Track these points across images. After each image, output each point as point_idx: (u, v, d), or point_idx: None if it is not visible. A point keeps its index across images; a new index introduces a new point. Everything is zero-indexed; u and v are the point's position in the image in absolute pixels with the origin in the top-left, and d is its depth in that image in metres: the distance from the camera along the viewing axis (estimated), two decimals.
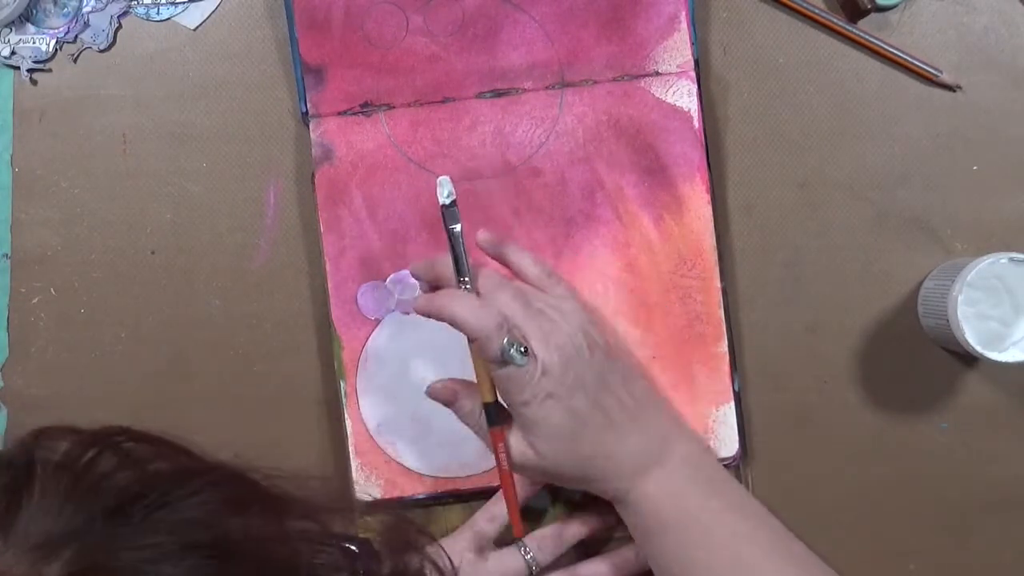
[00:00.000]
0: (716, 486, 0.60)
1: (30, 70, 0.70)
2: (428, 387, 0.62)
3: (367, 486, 0.67)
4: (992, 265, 0.62)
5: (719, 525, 0.58)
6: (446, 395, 0.61)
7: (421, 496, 0.67)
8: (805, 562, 0.59)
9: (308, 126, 0.68)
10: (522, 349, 0.56)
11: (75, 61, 0.70)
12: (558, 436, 0.58)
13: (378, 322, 0.68)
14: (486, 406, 0.59)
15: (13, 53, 0.70)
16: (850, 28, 0.69)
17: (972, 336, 0.62)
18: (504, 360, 0.56)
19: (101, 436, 0.40)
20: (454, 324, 0.57)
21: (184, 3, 0.70)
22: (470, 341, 0.58)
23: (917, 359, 0.68)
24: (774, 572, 0.57)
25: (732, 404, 0.67)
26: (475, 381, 0.60)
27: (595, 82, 0.68)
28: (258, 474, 0.43)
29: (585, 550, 0.66)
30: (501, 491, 0.62)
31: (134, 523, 0.37)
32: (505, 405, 0.59)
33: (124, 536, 0.36)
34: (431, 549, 0.53)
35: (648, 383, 0.63)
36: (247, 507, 0.41)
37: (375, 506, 0.64)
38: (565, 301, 0.60)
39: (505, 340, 0.56)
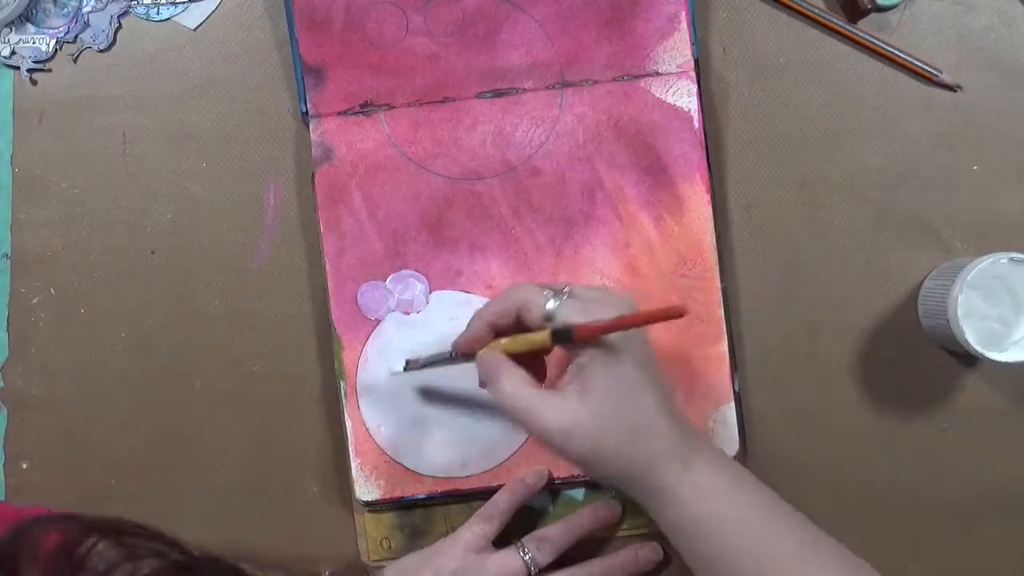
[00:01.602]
0: (743, 476, 0.58)
1: (30, 70, 0.70)
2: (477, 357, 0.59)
3: (367, 486, 0.67)
4: (992, 265, 0.62)
5: (763, 523, 0.56)
6: (487, 367, 0.58)
7: (421, 496, 0.67)
8: (844, 559, 0.57)
9: (308, 126, 0.68)
10: (564, 289, 0.56)
11: (75, 61, 0.70)
12: (611, 392, 0.54)
13: (378, 322, 0.68)
14: (555, 332, 0.55)
15: (13, 53, 0.70)
16: (850, 28, 0.69)
17: (972, 336, 0.62)
18: (549, 313, 0.55)
19: (96, 526, 0.40)
20: (503, 315, 0.57)
21: (184, 3, 0.70)
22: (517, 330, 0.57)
23: (917, 359, 0.68)
24: (815, 563, 0.56)
25: (732, 404, 0.67)
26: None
27: (595, 82, 0.68)
28: (254, 564, 0.43)
29: (585, 550, 0.66)
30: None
31: None
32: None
33: None
34: None
35: None
36: None
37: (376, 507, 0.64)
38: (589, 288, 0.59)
39: (545, 291, 0.56)
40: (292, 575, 0.44)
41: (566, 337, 0.54)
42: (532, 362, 0.59)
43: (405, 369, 0.66)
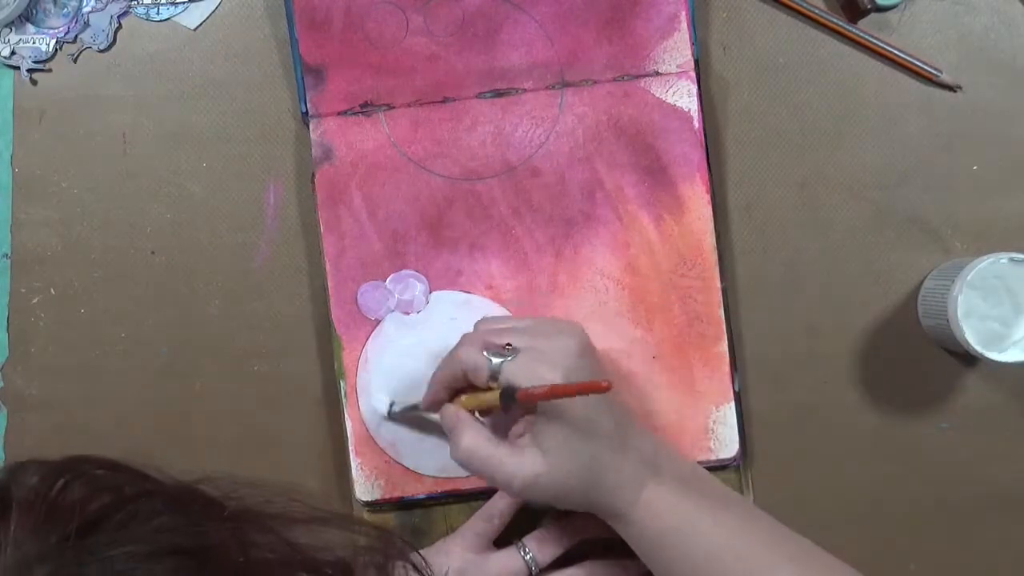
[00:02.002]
0: (707, 492, 0.60)
1: (30, 70, 0.70)
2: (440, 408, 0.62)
3: (367, 486, 0.67)
4: (992, 265, 0.62)
5: (717, 527, 0.58)
6: (447, 421, 0.61)
7: (421, 496, 0.67)
8: (806, 554, 0.59)
9: (308, 126, 0.68)
10: (508, 346, 0.58)
11: (75, 61, 0.70)
12: (568, 441, 0.57)
13: (378, 322, 0.68)
14: (502, 393, 0.57)
15: (13, 53, 0.70)
16: (850, 28, 0.69)
17: (972, 336, 0.62)
18: (494, 371, 0.58)
19: (68, 465, 0.41)
20: (453, 380, 0.60)
21: (184, 3, 0.70)
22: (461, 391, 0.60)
23: (917, 359, 0.68)
24: (776, 566, 0.58)
25: (732, 404, 0.67)
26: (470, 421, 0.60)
27: (595, 82, 0.68)
28: (225, 487, 0.44)
29: (585, 550, 0.66)
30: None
31: (105, 538, 0.38)
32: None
33: (96, 548, 0.38)
34: (416, 559, 0.52)
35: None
36: (213, 518, 0.43)
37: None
38: (541, 324, 0.62)
39: (486, 352, 0.58)
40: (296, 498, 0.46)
41: (510, 401, 0.56)
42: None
43: (388, 415, 0.67)
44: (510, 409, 0.57)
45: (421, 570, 0.51)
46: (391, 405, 0.67)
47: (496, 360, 0.58)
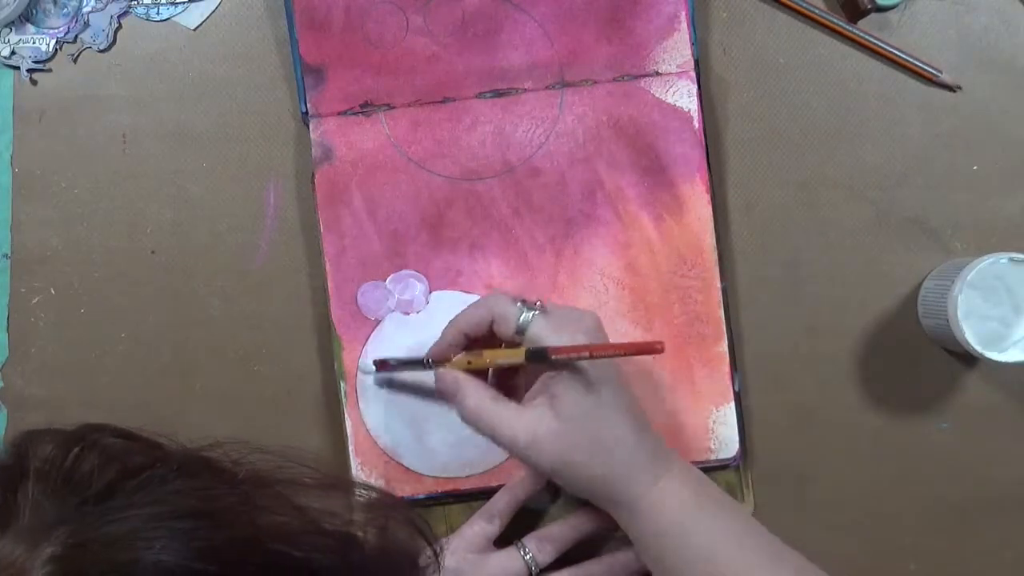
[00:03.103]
0: (713, 496, 0.60)
1: (30, 70, 0.70)
2: (435, 370, 0.62)
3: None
4: (992, 265, 0.62)
5: (721, 531, 0.58)
6: (447, 384, 0.60)
7: (421, 496, 0.67)
8: (803, 570, 0.59)
9: (308, 126, 0.68)
10: (536, 303, 0.58)
11: (75, 61, 0.70)
12: (583, 405, 0.57)
13: (378, 322, 0.68)
14: (531, 351, 0.57)
15: (13, 53, 0.70)
16: (850, 28, 0.69)
17: (972, 336, 0.62)
18: (522, 325, 0.57)
19: (82, 434, 0.42)
20: (477, 326, 0.59)
21: (184, 3, 0.70)
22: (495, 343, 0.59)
23: (917, 359, 0.68)
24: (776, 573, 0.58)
25: (732, 404, 0.67)
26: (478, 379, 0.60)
27: (595, 82, 0.68)
28: (237, 452, 0.45)
29: (585, 550, 0.66)
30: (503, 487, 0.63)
31: (122, 500, 0.39)
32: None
33: (114, 510, 0.39)
34: (417, 521, 0.53)
35: None
36: (225, 483, 0.43)
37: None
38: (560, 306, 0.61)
39: (518, 304, 0.58)
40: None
41: (540, 357, 0.56)
42: (501, 375, 0.61)
43: (376, 370, 0.66)
44: (534, 365, 0.57)
45: (422, 531, 0.51)
46: (376, 363, 0.66)
47: (527, 313, 0.58)
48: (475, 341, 0.61)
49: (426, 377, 0.65)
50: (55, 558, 0.37)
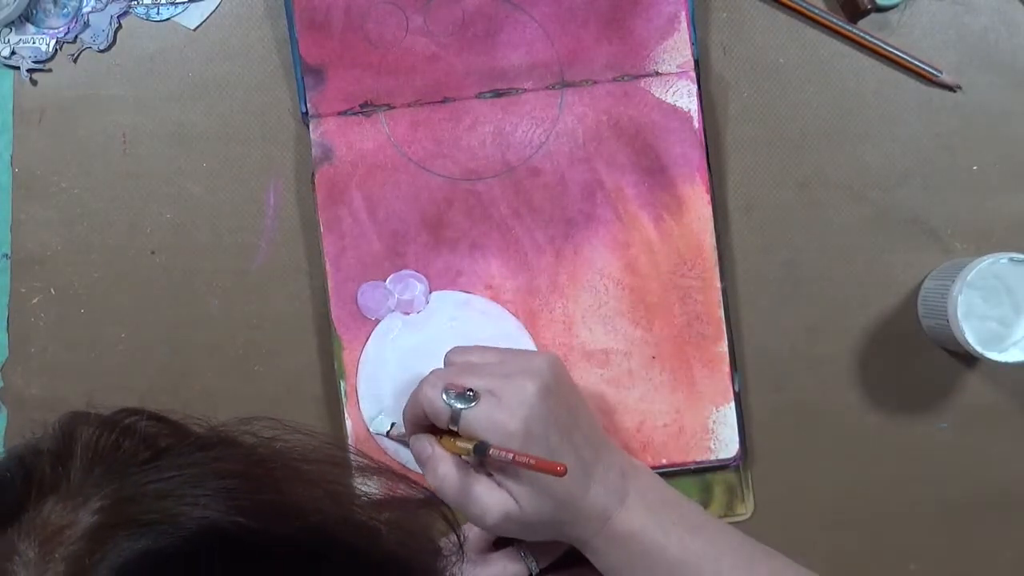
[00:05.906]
0: (675, 517, 0.60)
1: (30, 70, 0.70)
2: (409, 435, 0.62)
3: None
4: (992, 265, 0.62)
5: (684, 550, 0.58)
6: (418, 451, 0.61)
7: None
8: (784, 569, 0.59)
9: (308, 126, 0.68)
10: (469, 392, 0.58)
11: (75, 61, 0.70)
12: (538, 484, 0.57)
13: (378, 322, 0.68)
14: (475, 449, 0.57)
15: (13, 53, 0.70)
16: (850, 28, 0.69)
17: (972, 336, 0.62)
18: (455, 416, 0.57)
19: (121, 416, 0.45)
20: (419, 419, 0.60)
21: (184, 3, 0.70)
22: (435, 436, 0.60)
23: (917, 359, 0.68)
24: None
25: (732, 404, 0.67)
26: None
27: (595, 82, 0.68)
28: (270, 431, 0.48)
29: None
30: None
31: (166, 462, 0.42)
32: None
33: (158, 469, 0.41)
34: (444, 510, 0.55)
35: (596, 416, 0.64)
36: (267, 454, 0.47)
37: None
38: (508, 361, 0.61)
39: (443, 394, 0.58)
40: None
41: (483, 452, 0.56)
42: None
43: (388, 436, 0.67)
44: (482, 463, 0.58)
45: (448, 519, 0.53)
46: (392, 426, 0.67)
47: (457, 405, 0.58)
48: (432, 427, 0.61)
49: (427, 369, 0.65)
50: (103, 508, 0.39)
